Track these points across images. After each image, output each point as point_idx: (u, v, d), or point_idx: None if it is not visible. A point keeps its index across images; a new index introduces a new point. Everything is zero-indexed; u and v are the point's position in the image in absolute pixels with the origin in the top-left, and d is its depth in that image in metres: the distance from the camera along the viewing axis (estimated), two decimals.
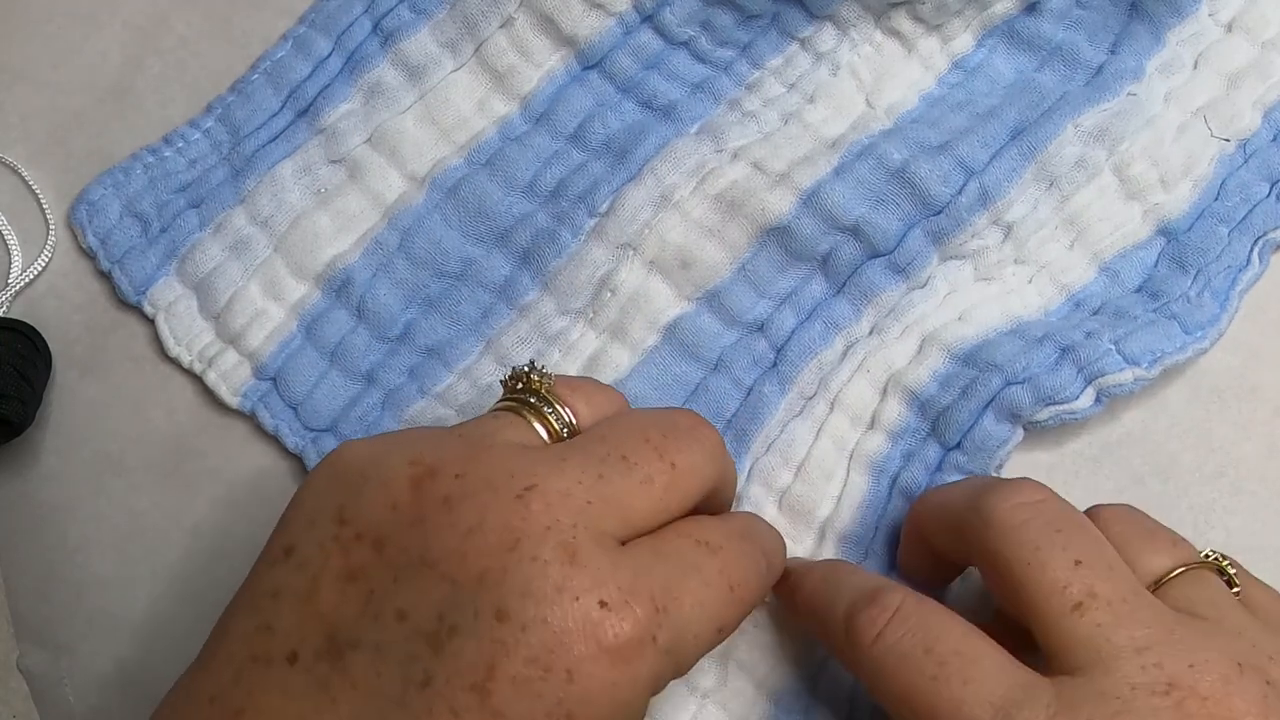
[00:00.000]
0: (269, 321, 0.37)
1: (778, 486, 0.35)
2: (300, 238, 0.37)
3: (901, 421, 0.35)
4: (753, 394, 0.35)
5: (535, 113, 0.39)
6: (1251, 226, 0.36)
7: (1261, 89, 0.38)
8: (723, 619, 0.27)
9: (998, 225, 0.36)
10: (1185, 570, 0.28)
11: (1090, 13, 0.38)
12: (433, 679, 0.24)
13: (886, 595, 0.28)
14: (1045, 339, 0.34)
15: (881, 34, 0.38)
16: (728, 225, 0.37)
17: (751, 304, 0.36)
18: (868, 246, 0.36)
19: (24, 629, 0.35)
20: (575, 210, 0.37)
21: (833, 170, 0.36)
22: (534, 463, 0.26)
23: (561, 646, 0.24)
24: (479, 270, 0.37)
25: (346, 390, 0.36)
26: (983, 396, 0.34)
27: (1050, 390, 0.33)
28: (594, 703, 0.24)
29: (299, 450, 0.36)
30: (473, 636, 0.24)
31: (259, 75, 0.39)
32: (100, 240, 0.38)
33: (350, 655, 0.24)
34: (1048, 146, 0.36)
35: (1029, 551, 0.27)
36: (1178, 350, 0.34)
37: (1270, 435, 0.35)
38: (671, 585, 0.26)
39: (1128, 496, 0.34)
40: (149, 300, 0.37)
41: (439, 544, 0.25)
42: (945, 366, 0.35)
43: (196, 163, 0.39)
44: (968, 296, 0.36)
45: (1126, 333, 0.34)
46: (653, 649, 0.25)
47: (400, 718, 0.24)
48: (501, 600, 0.24)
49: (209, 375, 0.37)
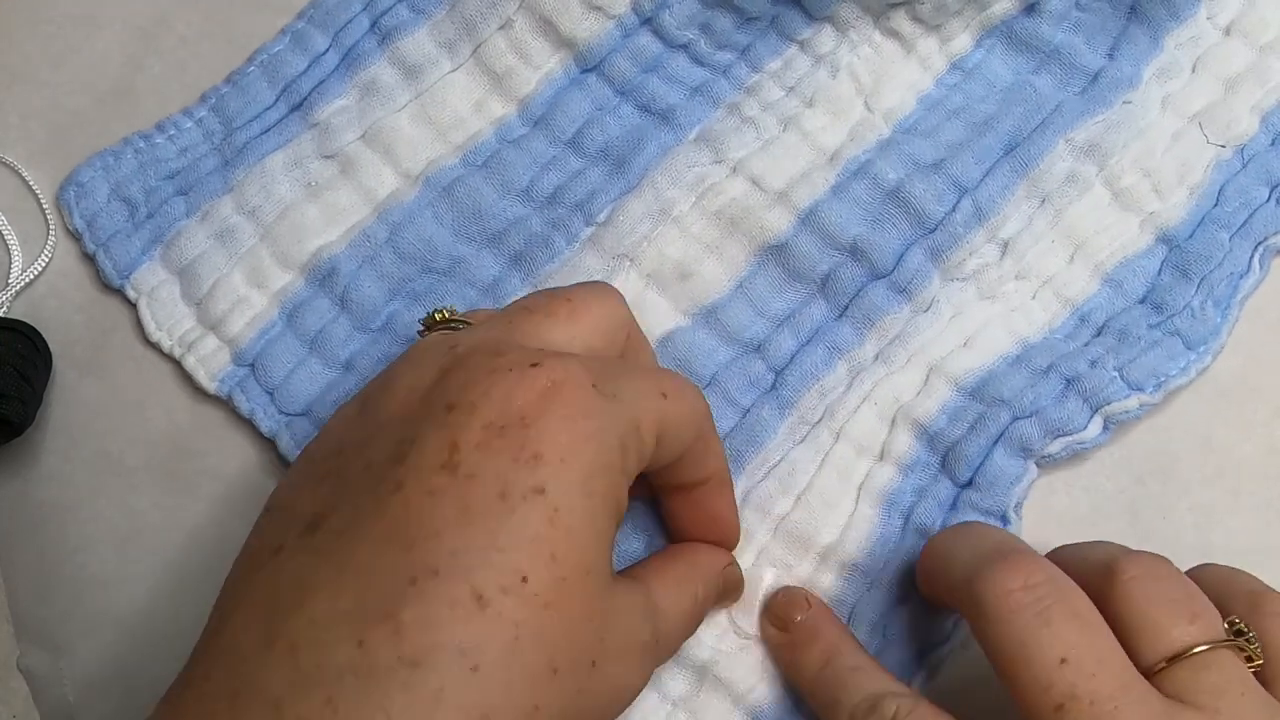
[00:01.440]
0: (250, 309, 0.37)
1: (775, 513, 0.34)
2: (287, 228, 0.37)
3: (912, 454, 0.34)
4: (750, 416, 0.35)
5: (533, 115, 0.39)
6: (1252, 232, 0.36)
7: (1260, 94, 0.38)
8: (662, 383, 0.29)
9: (994, 242, 0.36)
10: (1202, 650, 0.27)
11: (1089, 15, 0.39)
12: (404, 483, 0.25)
13: None
14: (1051, 370, 0.34)
15: (880, 35, 0.38)
16: (726, 242, 0.37)
17: (749, 322, 0.36)
18: (868, 266, 0.36)
19: (24, 629, 0.35)
20: (572, 218, 0.37)
21: (830, 189, 0.37)
22: (458, 336, 0.29)
23: (509, 403, 0.26)
24: (468, 268, 0.37)
25: (324, 376, 0.36)
26: (992, 432, 0.34)
27: (1059, 422, 0.33)
28: (556, 439, 0.26)
29: (272, 434, 0.36)
30: (430, 433, 0.26)
31: (255, 68, 0.39)
32: (87, 222, 0.38)
33: (328, 518, 0.26)
34: (1040, 163, 0.37)
35: (1016, 646, 0.27)
36: (1181, 372, 0.34)
37: (1270, 436, 0.35)
38: (606, 367, 0.28)
39: (1128, 497, 0.35)
40: (132, 284, 0.37)
41: (387, 412, 0.27)
42: (954, 400, 0.35)
43: (187, 151, 0.39)
44: (972, 318, 0.36)
45: (1130, 359, 0.34)
46: (596, 392, 0.27)
47: (381, 523, 0.25)
48: (446, 398, 0.26)
49: (188, 360, 0.37)
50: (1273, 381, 0.35)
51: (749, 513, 0.34)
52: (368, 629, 0.24)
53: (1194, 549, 0.34)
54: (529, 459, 0.25)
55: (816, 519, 0.34)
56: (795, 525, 0.34)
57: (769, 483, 0.34)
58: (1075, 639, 0.27)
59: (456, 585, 0.24)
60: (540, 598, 0.25)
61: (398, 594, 0.24)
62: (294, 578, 0.25)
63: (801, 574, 0.34)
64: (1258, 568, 0.30)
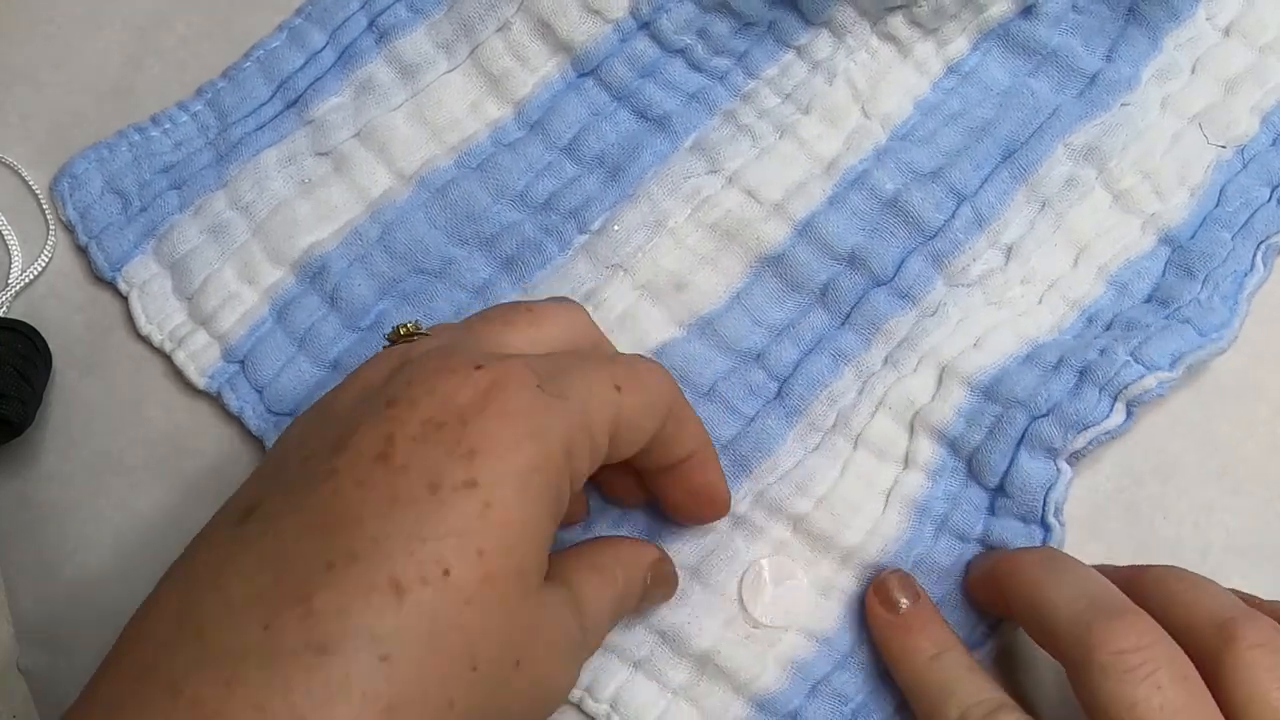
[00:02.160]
0: (241, 304, 0.37)
1: (793, 513, 0.34)
2: (279, 224, 0.37)
3: (937, 460, 0.34)
4: (755, 424, 0.35)
5: (529, 119, 0.39)
6: (1254, 231, 0.36)
7: (1259, 94, 0.38)
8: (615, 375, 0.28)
9: (997, 247, 0.36)
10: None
11: (1087, 17, 0.39)
12: (337, 470, 0.25)
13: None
14: (1061, 364, 0.34)
15: (877, 39, 0.38)
16: (722, 254, 0.37)
17: (747, 332, 0.36)
18: (867, 275, 0.36)
19: (24, 629, 0.35)
20: (565, 225, 0.37)
21: (827, 200, 0.37)
22: (415, 343, 0.29)
23: (450, 400, 0.26)
24: (458, 270, 0.37)
25: (313, 376, 0.36)
26: (1011, 435, 0.34)
27: (1078, 416, 0.33)
28: (493, 435, 0.26)
29: (260, 433, 0.36)
30: (368, 426, 0.26)
31: (251, 64, 0.39)
32: (80, 214, 0.38)
33: (260, 506, 0.26)
34: (1038, 168, 0.37)
35: (1125, 708, 0.27)
36: (1196, 348, 0.34)
37: (1271, 435, 0.35)
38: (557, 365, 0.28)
39: (1128, 496, 0.35)
40: (123, 277, 0.37)
41: (333, 410, 0.28)
42: (968, 401, 0.35)
43: (182, 145, 0.39)
44: (980, 322, 0.36)
45: (1141, 341, 0.34)
46: (540, 391, 0.27)
47: (308, 510, 0.25)
48: (389, 394, 0.26)
49: (178, 355, 0.36)
50: (1274, 380, 0.36)
51: (760, 511, 0.34)
52: (277, 612, 0.23)
53: (1194, 549, 0.34)
54: (464, 453, 0.25)
55: (840, 521, 0.34)
56: (815, 525, 0.34)
57: (782, 485, 0.34)
58: (1183, 702, 0.27)
59: (374, 572, 0.24)
60: (462, 592, 0.24)
61: (312, 578, 0.24)
62: (215, 563, 0.25)
63: (824, 572, 0.34)
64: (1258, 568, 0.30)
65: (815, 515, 0.34)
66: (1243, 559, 0.33)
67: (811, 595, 0.34)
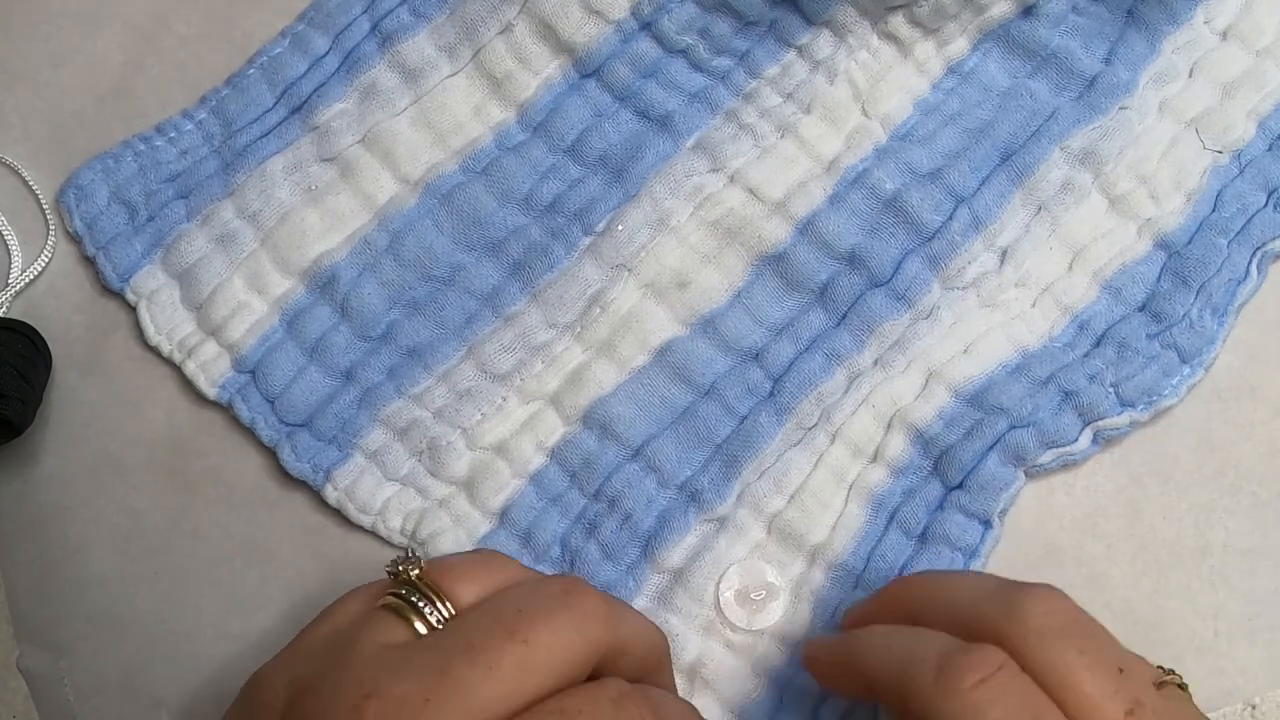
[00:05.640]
0: (250, 315, 0.37)
1: (768, 511, 0.34)
2: (288, 233, 0.37)
3: (904, 458, 0.35)
4: (747, 422, 0.35)
5: (533, 121, 0.39)
6: (1250, 237, 0.36)
7: (1256, 98, 0.38)
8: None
9: (992, 250, 0.37)
10: None
11: (1086, 19, 0.39)
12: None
13: (989, 650, 0.27)
14: (1050, 381, 0.34)
15: (878, 39, 0.39)
16: (724, 252, 0.37)
17: (748, 331, 0.36)
18: (866, 275, 0.36)
19: (24, 629, 0.35)
20: (570, 227, 0.37)
21: (827, 199, 0.37)
22: (379, 668, 0.25)
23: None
24: (467, 277, 0.37)
25: (324, 386, 0.36)
26: (988, 438, 0.34)
27: (1053, 434, 0.34)
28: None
29: (273, 444, 0.36)
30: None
31: (254, 70, 0.39)
32: (87, 225, 0.38)
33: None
34: (1035, 171, 0.37)
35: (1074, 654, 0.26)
36: (1172, 391, 0.35)
37: (1270, 435, 0.35)
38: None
39: (1127, 496, 0.35)
40: (131, 288, 0.37)
41: None
42: (952, 407, 0.35)
43: (187, 153, 0.39)
44: (973, 327, 0.36)
45: (1127, 375, 0.34)
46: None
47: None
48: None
49: (188, 365, 0.36)
50: (1272, 381, 0.36)
51: (743, 511, 0.34)
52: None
53: (1194, 549, 0.34)
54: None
55: (809, 518, 0.34)
56: (788, 524, 0.34)
57: (763, 482, 0.34)
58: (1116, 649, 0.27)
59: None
60: None
61: None
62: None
63: (795, 572, 0.34)
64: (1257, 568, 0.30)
65: (788, 513, 0.34)
66: (1243, 559, 0.33)
67: (784, 599, 0.34)
